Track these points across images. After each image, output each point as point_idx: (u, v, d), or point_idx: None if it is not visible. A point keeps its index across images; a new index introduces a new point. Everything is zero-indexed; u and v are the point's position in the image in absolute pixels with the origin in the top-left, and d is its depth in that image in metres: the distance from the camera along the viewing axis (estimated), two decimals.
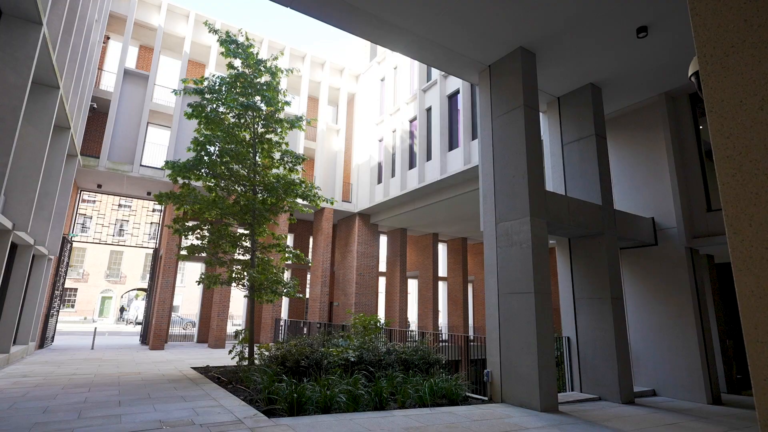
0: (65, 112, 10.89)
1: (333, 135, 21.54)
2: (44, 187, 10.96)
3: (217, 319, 17.16)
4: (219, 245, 10.03)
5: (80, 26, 11.10)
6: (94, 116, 16.43)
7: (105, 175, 15.88)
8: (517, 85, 7.77)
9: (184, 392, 7.01)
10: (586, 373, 8.17)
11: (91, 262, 41.60)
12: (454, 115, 15.98)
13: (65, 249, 16.08)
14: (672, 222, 8.94)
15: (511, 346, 7.03)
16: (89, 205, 39.93)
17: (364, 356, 8.06)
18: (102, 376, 8.70)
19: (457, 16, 7.01)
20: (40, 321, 13.62)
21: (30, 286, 12.27)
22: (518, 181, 7.40)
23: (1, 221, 8.14)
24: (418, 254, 23.78)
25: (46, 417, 5.18)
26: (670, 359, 8.49)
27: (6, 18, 7.32)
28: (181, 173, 9.61)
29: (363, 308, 19.36)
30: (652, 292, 8.99)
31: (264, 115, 10.34)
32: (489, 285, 7.66)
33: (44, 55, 8.33)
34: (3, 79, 7.09)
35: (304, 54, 20.81)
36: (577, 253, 8.70)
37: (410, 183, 17.44)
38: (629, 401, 7.62)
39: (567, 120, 9.30)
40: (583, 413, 6.58)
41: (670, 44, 7.57)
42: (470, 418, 5.79)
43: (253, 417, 5.34)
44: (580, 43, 7.63)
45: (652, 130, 9.49)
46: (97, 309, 41.10)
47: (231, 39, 10.05)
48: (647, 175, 9.51)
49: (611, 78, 8.77)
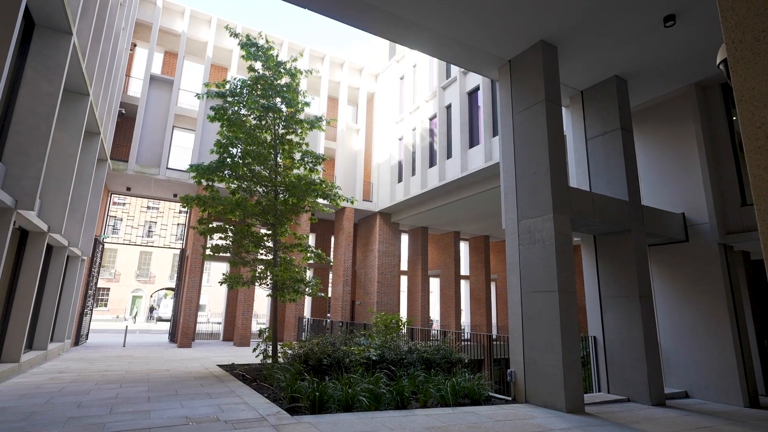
0: (95, 118, 11.29)
1: (353, 135, 21.63)
2: (76, 190, 11.39)
3: (242, 318, 17.49)
4: (242, 245, 10.22)
5: (108, 35, 11.48)
6: (122, 121, 16.98)
7: (133, 178, 16.39)
8: (538, 79, 7.62)
9: (210, 389, 7.17)
10: (613, 374, 7.95)
11: (122, 262, 43.08)
12: (474, 112, 15.81)
13: (97, 250, 16.69)
14: (704, 217, 8.60)
15: (535, 345, 6.91)
16: (119, 208, 41.31)
17: (385, 355, 8.07)
18: (132, 373, 8.98)
19: (476, 12, 6.92)
20: (74, 319, 14.17)
21: (65, 285, 12.79)
22: (540, 178, 7.26)
23: (38, 224, 8.51)
24: (440, 253, 23.65)
25: (80, 412, 5.39)
26: (703, 360, 8.17)
27: (38, 29, 7.63)
28: (204, 175, 9.83)
29: (385, 307, 19.38)
30: (683, 290, 8.68)
31: (284, 117, 10.47)
32: (511, 283, 7.54)
33: (74, 63, 8.66)
34: (36, 87, 7.40)
35: (324, 55, 20.96)
36: (603, 250, 8.48)
37: (431, 181, 17.35)
38: (660, 403, 7.38)
39: (591, 114, 9.06)
40: (610, 415, 6.41)
41: (700, 32, 7.27)
42: (493, 419, 5.72)
43: (276, 414, 5.41)
44: (603, 34, 7.42)
45: (682, 122, 9.15)
46: (128, 308, 42.52)
47: (251, 42, 10.20)
48: (677, 169, 9.17)
49: (637, 69, 8.49)
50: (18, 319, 8.63)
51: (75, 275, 13.16)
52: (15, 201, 6.97)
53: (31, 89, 7.38)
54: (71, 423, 4.83)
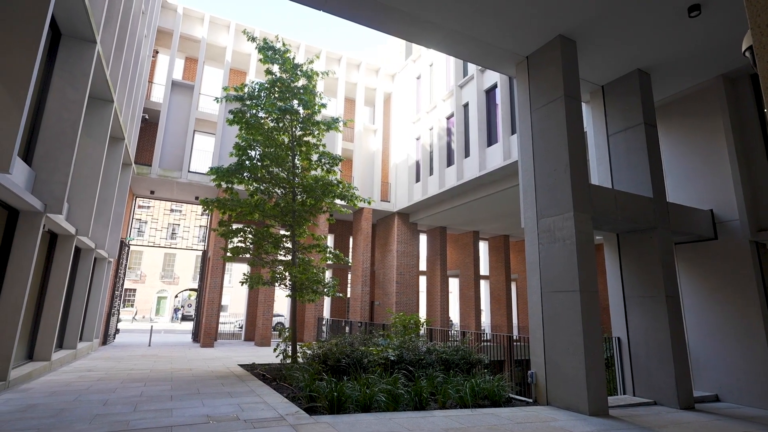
0: (119, 124, 11.62)
1: (370, 135, 21.67)
2: (102, 194, 11.75)
3: (263, 318, 17.72)
4: (261, 246, 10.35)
5: (131, 43, 11.80)
6: (145, 126, 17.43)
7: (157, 181, 16.81)
8: (556, 75, 7.47)
9: (231, 388, 7.28)
10: (639, 376, 7.72)
11: (148, 263, 44.26)
12: (492, 110, 15.62)
13: (123, 252, 17.18)
14: (734, 214, 8.28)
15: (556, 346, 6.77)
16: (144, 211, 42.47)
17: (404, 355, 8.04)
18: (157, 372, 9.20)
19: (493, 8, 6.82)
20: (102, 319, 14.62)
21: (93, 286, 13.20)
22: (560, 175, 7.11)
23: (66, 227, 8.80)
24: (459, 252, 23.46)
25: (106, 409, 5.54)
26: (734, 362, 7.85)
27: (64, 39, 7.89)
28: (224, 178, 9.99)
29: (404, 307, 19.34)
30: (712, 290, 8.36)
31: (301, 118, 10.56)
32: (531, 283, 7.41)
33: (99, 71, 8.92)
34: (63, 95, 7.65)
35: (340, 56, 21.06)
36: (626, 248, 8.25)
37: (448, 180, 17.23)
38: (688, 407, 7.12)
39: (612, 109, 8.83)
40: (636, 418, 6.22)
41: (727, 21, 6.99)
42: (513, 420, 5.62)
43: (295, 414, 5.45)
44: (624, 26, 7.21)
45: (709, 115, 8.82)
46: (153, 308, 43.65)
47: (268, 46, 10.32)
48: (704, 165, 8.85)
49: (661, 62, 8.23)
50: (49, 319, 8.95)
51: (102, 276, 13.56)
52: (44, 205, 7.23)
53: (58, 97, 7.65)
54: (97, 420, 4.97)
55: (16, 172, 6.36)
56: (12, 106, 5.21)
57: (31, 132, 7.35)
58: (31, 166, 7.24)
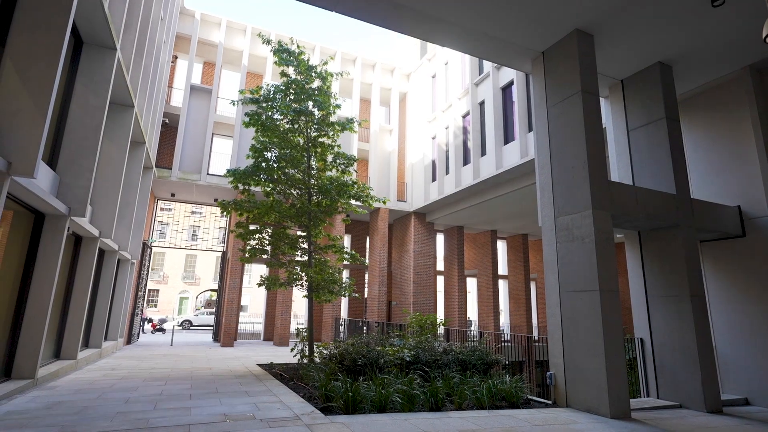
0: (140, 129, 11.90)
1: (386, 135, 21.65)
2: (124, 197, 12.05)
3: (281, 318, 17.89)
4: (278, 247, 10.44)
5: (150, 49, 12.07)
6: (165, 130, 17.81)
7: (177, 184, 17.15)
8: (573, 70, 7.31)
9: (248, 387, 7.36)
10: (663, 378, 7.49)
11: (170, 265, 45.24)
12: (508, 108, 15.42)
13: (146, 253, 17.59)
14: (763, 210, 7.96)
15: (575, 347, 6.62)
16: (166, 213, 43.39)
17: (420, 356, 7.99)
18: (177, 371, 9.38)
19: (506, 4, 6.72)
20: (126, 319, 15.00)
21: (117, 287, 13.56)
22: (578, 172, 6.95)
23: (90, 229, 9.05)
24: (477, 252, 23.24)
25: (127, 407, 5.66)
26: (765, 364, 7.55)
27: (86, 46, 8.12)
28: (241, 180, 10.13)
29: (421, 307, 19.26)
30: (740, 289, 8.05)
31: (316, 119, 10.61)
32: (549, 283, 7.27)
33: (119, 77, 9.15)
34: (84, 101, 7.87)
35: (355, 57, 21.11)
36: (648, 247, 8.01)
37: (465, 179, 17.09)
38: (716, 410, 6.87)
39: (632, 104, 8.60)
40: (660, 422, 6.03)
41: (752, 10, 6.71)
42: (531, 423, 5.52)
43: (310, 414, 5.47)
44: (644, 19, 7.01)
45: (735, 107, 8.50)
46: (176, 308, 44.59)
47: (283, 48, 10.41)
48: (730, 159, 8.54)
49: (683, 54, 7.97)
50: (74, 318, 9.22)
51: (126, 277, 13.92)
52: (68, 208, 7.45)
53: (80, 103, 7.87)
54: (118, 417, 5.09)
55: (41, 177, 6.56)
56: (36, 112, 5.38)
57: (56, 137, 7.58)
58: (56, 171, 7.47)
